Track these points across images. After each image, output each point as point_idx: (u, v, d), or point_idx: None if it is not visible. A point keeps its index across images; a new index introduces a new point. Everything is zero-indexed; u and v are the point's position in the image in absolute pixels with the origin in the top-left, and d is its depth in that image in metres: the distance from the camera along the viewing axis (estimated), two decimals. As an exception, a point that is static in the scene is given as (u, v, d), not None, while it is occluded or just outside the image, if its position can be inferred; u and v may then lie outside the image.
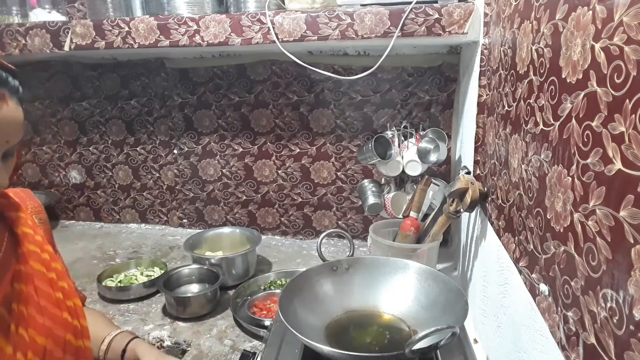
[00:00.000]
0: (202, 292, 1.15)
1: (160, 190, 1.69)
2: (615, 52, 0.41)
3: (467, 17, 1.02)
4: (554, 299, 0.56)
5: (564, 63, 0.53)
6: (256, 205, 1.60)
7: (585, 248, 0.47)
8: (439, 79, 1.36)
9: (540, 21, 0.62)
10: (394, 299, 0.89)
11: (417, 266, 0.90)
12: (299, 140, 1.49)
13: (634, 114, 0.38)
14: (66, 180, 1.76)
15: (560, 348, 0.54)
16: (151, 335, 1.07)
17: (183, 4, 1.18)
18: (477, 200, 0.93)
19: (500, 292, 0.82)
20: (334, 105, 1.44)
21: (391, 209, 1.28)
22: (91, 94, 1.62)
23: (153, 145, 1.64)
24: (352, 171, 1.49)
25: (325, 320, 0.85)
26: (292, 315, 0.78)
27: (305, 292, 0.86)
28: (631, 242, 0.38)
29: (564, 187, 0.52)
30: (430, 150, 1.23)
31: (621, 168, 0.40)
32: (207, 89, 1.51)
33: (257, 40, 1.12)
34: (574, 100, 0.50)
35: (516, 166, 0.72)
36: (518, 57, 0.72)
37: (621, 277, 0.39)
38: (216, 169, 1.59)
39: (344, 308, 0.88)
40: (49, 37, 1.24)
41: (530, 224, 0.65)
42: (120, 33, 1.18)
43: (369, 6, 1.06)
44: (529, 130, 0.66)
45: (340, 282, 0.90)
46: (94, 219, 1.79)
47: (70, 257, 1.49)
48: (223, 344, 1.03)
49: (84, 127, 1.67)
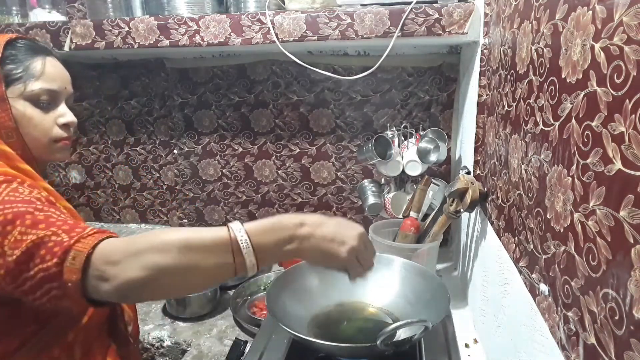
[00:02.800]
0: (202, 292, 1.15)
1: (160, 190, 1.69)
2: (615, 52, 0.41)
3: (467, 17, 1.02)
4: (554, 299, 0.56)
5: (564, 63, 0.53)
6: (256, 205, 1.60)
7: (585, 248, 0.47)
8: (439, 79, 1.36)
9: (540, 21, 0.62)
10: (382, 294, 0.91)
11: (405, 262, 0.93)
12: (299, 140, 1.49)
13: (633, 114, 0.38)
14: (66, 180, 1.76)
15: (560, 348, 0.54)
16: (151, 335, 1.07)
17: (183, 4, 1.18)
18: (477, 200, 0.93)
19: (500, 292, 0.82)
20: (334, 105, 1.44)
21: (391, 209, 1.28)
22: (91, 94, 1.62)
23: (153, 145, 1.64)
24: (352, 171, 1.49)
25: (313, 313, 0.87)
26: (280, 307, 0.81)
27: (295, 285, 0.89)
28: (631, 242, 0.38)
29: (564, 187, 0.52)
30: (430, 150, 1.22)
31: (621, 168, 0.40)
32: (207, 89, 1.51)
33: (257, 40, 1.12)
34: (574, 100, 0.50)
35: (516, 166, 0.72)
36: (518, 57, 0.72)
37: (621, 277, 0.39)
38: (216, 169, 1.59)
39: (332, 301, 0.90)
40: (49, 37, 1.24)
41: (530, 224, 0.65)
42: (120, 33, 1.18)
43: (369, 6, 1.06)
44: (528, 130, 0.66)
45: (330, 276, 0.92)
46: (94, 219, 1.79)
47: (70, 257, 1.49)
48: (223, 344, 1.03)
49: (84, 127, 1.67)
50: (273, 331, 0.88)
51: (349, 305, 0.91)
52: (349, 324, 0.87)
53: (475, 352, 0.94)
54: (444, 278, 1.20)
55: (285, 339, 0.86)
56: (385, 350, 0.69)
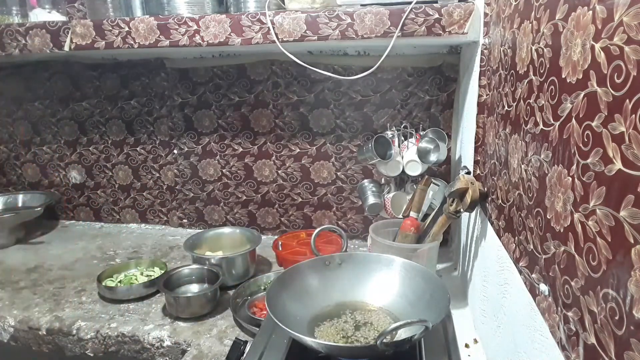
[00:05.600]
0: (202, 292, 1.15)
1: (160, 190, 1.69)
2: (615, 52, 0.41)
3: (467, 17, 1.02)
4: (554, 299, 0.56)
5: (564, 63, 0.53)
6: (256, 205, 1.60)
7: (586, 248, 0.47)
8: (439, 79, 1.36)
9: (540, 21, 0.62)
10: (382, 294, 0.91)
11: (405, 262, 0.93)
12: (299, 140, 1.49)
13: (634, 114, 0.38)
14: (66, 180, 1.76)
15: (560, 348, 0.54)
16: (151, 335, 1.07)
17: (183, 4, 1.18)
18: (477, 200, 0.93)
19: (500, 292, 0.82)
20: (334, 105, 1.44)
21: (391, 209, 1.28)
22: (91, 94, 1.62)
23: (153, 145, 1.64)
24: (352, 171, 1.49)
25: (314, 312, 0.87)
26: (280, 307, 0.81)
27: (296, 285, 0.89)
28: (631, 242, 0.38)
29: (564, 187, 0.52)
30: (430, 150, 1.22)
31: (621, 168, 0.40)
32: (207, 89, 1.51)
33: (257, 40, 1.12)
34: (574, 100, 0.50)
35: (516, 166, 0.72)
36: (518, 57, 0.72)
37: (621, 277, 0.39)
38: (216, 169, 1.59)
39: (332, 301, 0.90)
40: (49, 37, 1.24)
41: (530, 224, 0.65)
42: (120, 33, 1.18)
43: (369, 6, 1.06)
44: (528, 130, 0.66)
45: (331, 277, 0.92)
46: (94, 219, 1.79)
47: (70, 257, 1.49)
48: (223, 344, 1.03)
49: (84, 127, 1.67)
50: (273, 331, 0.88)
51: (349, 305, 0.91)
52: None
53: (475, 352, 0.94)
54: (444, 278, 1.20)
55: (285, 339, 0.86)
56: (385, 350, 0.70)
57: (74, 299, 1.23)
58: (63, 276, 1.37)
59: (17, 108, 1.71)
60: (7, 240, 1.59)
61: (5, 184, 1.82)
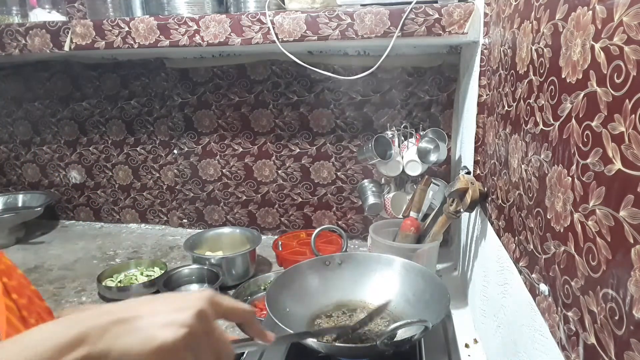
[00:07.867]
0: (202, 292, 1.14)
1: (160, 190, 1.69)
2: (615, 52, 0.41)
3: (467, 17, 1.02)
4: (554, 299, 0.56)
5: (564, 63, 0.53)
6: (256, 205, 1.60)
7: (585, 248, 0.47)
8: (439, 79, 1.36)
9: (540, 21, 0.62)
10: (382, 294, 0.91)
11: (405, 262, 0.93)
12: (299, 140, 1.49)
13: (633, 114, 0.38)
14: (66, 180, 1.76)
15: (560, 348, 0.54)
16: (151, 335, 1.07)
17: (183, 4, 1.18)
18: (477, 200, 0.93)
19: (500, 292, 0.82)
20: (334, 105, 1.44)
21: (391, 209, 1.28)
22: (91, 94, 1.62)
23: (153, 145, 1.64)
24: (352, 171, 1.49)
25: (314, 312, 0.87)
26: (280, 307, 0.81)
27: (296, 285, 0.89)
28: (631, 242, 0.38)
29: (564, 187, 0.52)
30: (430, 150, 1.22)
31: (621, 168, 0.40)
32: (207, 89, 1.51)
33: (257, 40, 1.12)
34: (574, 100, 0.50)
35: (516, 166, 0.72)
36: (518, 57, 0.72)
37: (621, 277, 0.39)
38: (216, 169, 1.59)
39: (333, 301, 0.90)
40: (49, 37, 1.24)
41: (530, 224, 0.65)
42: (120, 33, 1.18)
43: (369, 6, 1.06)
44: (528, 130, 0.66)
45: (331, 277, 0.92)
46: (94, 219, 1.79)
47: (70, 257, 1.49)
48: (223, 344, 1.03)
49: (84, 127, 1.67)
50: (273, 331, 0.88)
51: (349, 305, 0.91)
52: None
53: (475, 352, 0.94)
54: (444, 278, 1.20)
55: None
56: (385, 350, 0.70)
57: (74, 299, 1.23)
58: (63, 276, 1.37)
59: (17, 108, 1.71)
60: (7, 240, 1.59)
61: (5, 184, 1.82)
